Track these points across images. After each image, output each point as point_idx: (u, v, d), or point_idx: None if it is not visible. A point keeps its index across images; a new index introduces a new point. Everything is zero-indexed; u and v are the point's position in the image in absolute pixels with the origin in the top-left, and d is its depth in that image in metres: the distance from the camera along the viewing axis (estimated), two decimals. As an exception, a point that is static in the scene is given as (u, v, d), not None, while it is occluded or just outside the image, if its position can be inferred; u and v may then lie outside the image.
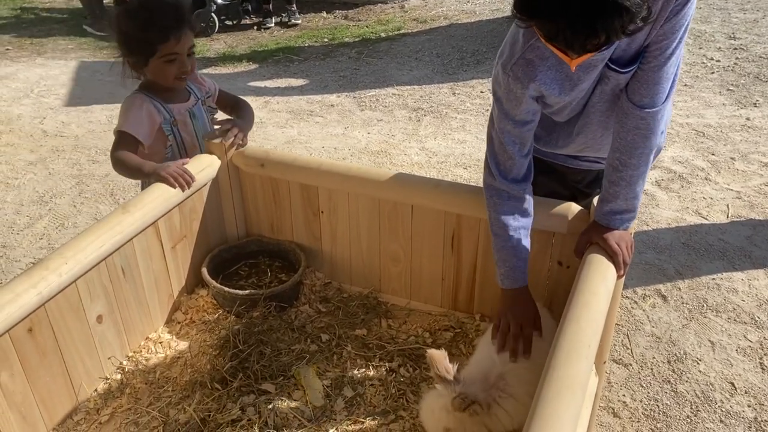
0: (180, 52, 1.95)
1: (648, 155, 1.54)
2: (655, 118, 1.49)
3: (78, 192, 3.70)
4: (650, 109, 1.48)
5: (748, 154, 3.92)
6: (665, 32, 1.40)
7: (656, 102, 1.48)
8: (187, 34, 1.95)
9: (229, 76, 5.67)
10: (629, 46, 1.44)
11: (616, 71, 1.48)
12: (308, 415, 1.73)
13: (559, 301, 1.90)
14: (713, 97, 4.80)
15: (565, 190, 1.93)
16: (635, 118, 1.50)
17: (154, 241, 1.95)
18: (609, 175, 1.59)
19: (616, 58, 1.47)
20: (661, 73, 1.45)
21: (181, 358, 1.95)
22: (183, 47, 1.95)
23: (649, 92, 1.47)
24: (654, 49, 1.43)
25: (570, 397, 1.19)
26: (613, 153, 1.57)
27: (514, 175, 1.63)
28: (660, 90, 1.47)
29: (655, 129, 1.51)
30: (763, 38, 5.86)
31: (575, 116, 1.66)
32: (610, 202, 1.60)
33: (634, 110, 1.50)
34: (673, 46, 1.42)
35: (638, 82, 1.48)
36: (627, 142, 1.53)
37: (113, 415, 1.78)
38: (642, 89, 1.48)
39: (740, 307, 2.67)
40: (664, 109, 1.50)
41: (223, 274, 2.21)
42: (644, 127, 1.50)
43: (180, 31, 1.92)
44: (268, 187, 2.19)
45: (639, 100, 1.49)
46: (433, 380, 1.58)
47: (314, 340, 1.98)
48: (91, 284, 1.76)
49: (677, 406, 2.23)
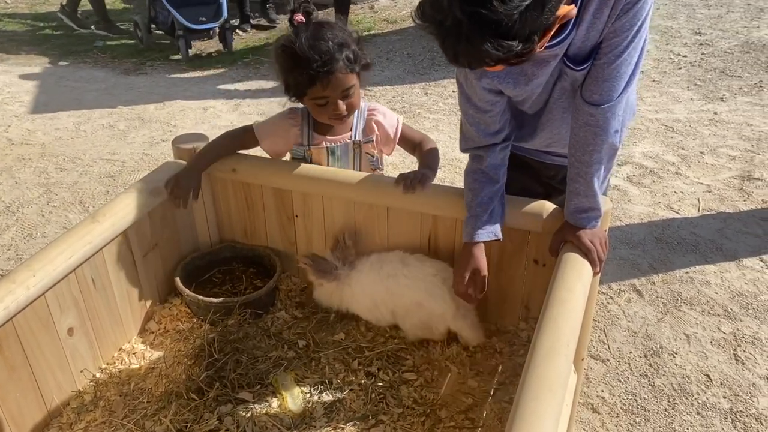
0: (331, 95, 1.84)
1: (600, 153, 1.55)
2: (605, 115, 1.50)
3: (46, 201, 3.62)
4: (600, 106, 1.49)
5: (716, 148, 3.98)
6: (615, 30, 1.41)
7: (606, 99, 1.48)
8: (339, 78, 1.81)
9: (199, 79, 5.61)
10: (584, 43, 1.45)
11: (571, 68, 1.50)
12: (287, 422, 1.71)
13: (536, 299, 1.90)
14: (681, 92, 4.87)
15: (540, 186, 1.94)
16: (585, 114, 1.51)
17: (124, 250, 1.91)
18: (569, 172, 1.61)
19: (572, 55, 1.48)
20: (611, 71, 1.45)
21: (155, 368, 1.91)
22: (334, 91, 1.83)
23: (599, 89, 1.48)
24: (605, 47, 1.44)
25: (550, 396, 1.18)
26: (570, 149, 1.59)
27: (480, 142, 1.71)
28: (610, 87, 1.47)
29: (606, 126, 1.51)
30: (728, 33, 5.96)
31: (539, 111, 1.68)
32: (572, 199, 1.62)
33: (585, 106, 1.51)
34: (624, 44, 1.42)
35: (590, 78, 1.49)
36: (579, 138, 1.55)
37: (87, 429, 1.74)
38: (593, 86, 1.48)
39: (713, 300, 2.70)
40: (616, 107, 1.50)
41: (196, 282, 2.17)
42: (594, 124, 1.51)
43: (329, 75, 1.80)
44: (240, 192, 2.16)
45: (589, 96, 1.50)
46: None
47: (291, 347, 1.95)
48: (61, 296, 1.72)
49: (655, 400, 2.25)
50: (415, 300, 1.89)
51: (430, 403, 1.77)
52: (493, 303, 1.98)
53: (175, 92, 5.33)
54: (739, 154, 3.90)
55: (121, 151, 4.23)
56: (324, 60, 1.77)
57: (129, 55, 6.37)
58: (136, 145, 4.34)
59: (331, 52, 1.78)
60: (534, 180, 1.92)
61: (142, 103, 5.10)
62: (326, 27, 1.83)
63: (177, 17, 5.89)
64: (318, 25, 1.83)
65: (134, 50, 6.50)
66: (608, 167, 1.60)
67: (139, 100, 5.18)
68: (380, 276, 1.93)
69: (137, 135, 4.50)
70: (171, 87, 5.47)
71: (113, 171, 3.95)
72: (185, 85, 5.50)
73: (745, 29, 6.03)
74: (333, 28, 1.83)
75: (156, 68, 5.98)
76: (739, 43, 5.71)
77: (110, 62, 6.19)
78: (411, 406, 1.76)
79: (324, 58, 1.77)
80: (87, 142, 4.40)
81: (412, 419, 1.72)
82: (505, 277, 1.92)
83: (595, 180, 1.57)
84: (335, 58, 1.78)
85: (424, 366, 1.90)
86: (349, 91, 1.86)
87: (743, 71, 5.17)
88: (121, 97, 5.27)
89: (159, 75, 5.80)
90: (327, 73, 1.79)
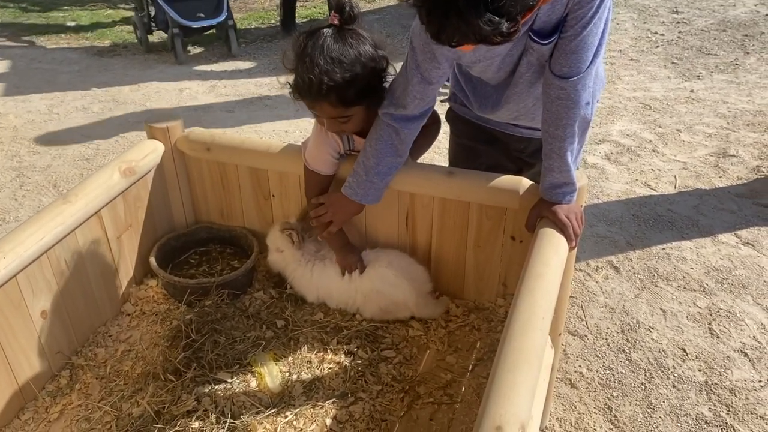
0: (322, 116, 1.70)
1: (572, 126, 1.55)
2: (575, 87, 1.50)
3: (19, 185, 3.56)
4: (570, 79, 1.49)
5: (693, 126, 4.01)
6: (580, 1, 1.41)
7: (575, 71, 1.49)
8: (326, 107, 1.63)
9: (174, 60, 5.52)
10: (549, 17, 1.45)
11: (537, 42, 1.50)
12: (266, 401, 1.70)
13: (513, 275, 1.91)
14: (658, 70, 4.89)
15: (510, 162, 1.96)
16: (556, 88, 1.52)
17: (98, 231, 1.89)
18: (543, 148, 1.62)
19: (538, 29, 1.48)
20: (578, 42, 1.46)
21: (132, 350, 1.89)
22: (320, 114, 1.69)
23: (567, 61, 1.48)
24: (570, 19, 1.44)
25: (526, 369, 1.19)
26: (543, 125, 1.60)
27: (408, 113, 1.67)
28: (578, 59, 1.47)
29: (577, 99, 1.52)
30: (704, 12, 5.99)
31: (504, 83, 1.68)
32: (547, 175, 1.62)
33: (555, 80, 1.51)
34: (589, 15, 1.42)
35: (558, 51, 1.49)
36: (552, 113, 1.55)
37: (63, 412, 1.72)
38: (561, 59, 1.49)
39: (689, 275, 2.73)
40: (585, 79, 1.51)
41: (172, 263, 2.15)
42: (565, 97, 1.52)
43: (315, 102, 1.64)
44: (215, 172, 2.13)
45: (559, 69, 1.50)
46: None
47: (270, 327, 1.94)
48: (33, 279, 1.69)
49: (632, 374, 2.27)
50: (375, 291, 1.92)
51: (409, 380, 1.77)
52: (471, 280, 1.99)
53: (150, 74, 5.25)
54: (715, 131, 3.94)
55: (95, 133, 4.16)
56: (311, 89, 1.59)
57: (103, 36, 6.25)
58: (110, 127, 4.27)
59: (314, 83, 1.57)
60: (504, 155, 1.92)
61: (116, 85, 5.02)
62: (343, 44, 1.59)
63: (170, 13, 5.18)
64: (337, 38, 1.59)
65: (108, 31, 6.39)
66: (581, 140, 1.61)
67: (113, 81, 5.10)
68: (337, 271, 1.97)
69: (112, 117, 4.43)
70: (146, 68, 5.39)
71: (87, 154, 3.89)
72: (160, 67, 5.41)
73: (722, 8, 6.06)
74: (348, 48, 1.59)
75: (130, 49, 5.88)
76: (716, 22, 5.74)
77: (84, 43, 6.07)
78: (390, 383, 1.76)
79: (305, 85, 1.60)
80: (60, 124, 4.33)
81: (391, 396, 1.73)
82: (483, 254, 1.92)
83: (568, 154, 1.58)
84: (316, 91, 1.58)
85: (403, 344, 1.90)
86: (341, 119, 1.69)
87: (719, 49, 5.21)
88: (95, 78, 5.18)
89: (133, 56, 5.71)
90: (314, 100, 1.63)
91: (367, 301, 1.94)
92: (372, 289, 1.92)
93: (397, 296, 1.91)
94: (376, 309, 1.94)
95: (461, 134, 2.01)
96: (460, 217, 1.88)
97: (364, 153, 1.75)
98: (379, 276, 1.91)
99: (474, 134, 1.96)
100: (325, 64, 1.56)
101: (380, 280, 1.91)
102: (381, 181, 1.77)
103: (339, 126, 1.72)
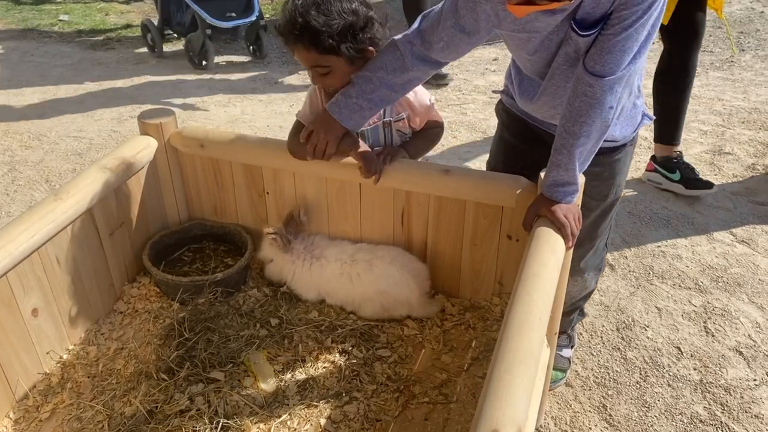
0: (301, 62, 1.74)
1: (590, 126, 1.52)
2: (603, 88, 1.48)
3: (11, 179, 3.53)
4: (600, 78, 1.47)
5: (688, 123, 4.00)
6: (627, 2, 1.39)
7: (608, 72, 1.46)
8: (301, 50, 1.68)
9: (168, 54, 5.48)
10: (594, 9, 1.43)
11: (577, 33, 1.47)
12: (260, 401, 1.69)
13: (509, 274, 1.90)
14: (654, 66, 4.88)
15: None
16: (584, 84, 1.49)
17: (89, 228, 1.86)
18: (555, 142, 1.59)
19: (580, 20, 1.46)
20: (616, 43, 1.43)
21: (124, 349, 1.88)
22: (299, 60, 1.73)
23: (601, 59, 1.46)
24: (614, 17, 1.42)
25: (523, 369, 1.18)
26: (561, 119, 1.57)
27: (425, 50, 1.65)
28: (613, 60, 1.45)
29: (602, 100, 1.49)
30: (700, 8, 5.97)
31: (541, 75, 1.66)
32: (552, 171, 1.59)
33: (585, 76, 1.49)
34: (633, 18, 1.40)
35: (595, 47, 1.47)
36: (574, 108, 1.52)
37: (54, 411, 1.70)
38: (595, 55, 1.47)
39: (684, 273, 2.73)
40: (615, 83, 1.48)
41: (165, 261, 2.13)
42: (591, 95, 1.49)
43: (292, 45, 1.69)
44: (209, 169, 2.11)
45: (591, 65, 1.48)
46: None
47: (263, 325, 1.93)
48: (24, 276, 1.67)
49: (627, 373, 2.27)
50: (379, 289, 1.90)
51: (404, 380, 1.76)
52: (467, 278, 1.98)
53: (144, 68, 5.21)
54: (711, 128, 3.93)
55: (89, 128, 4.13)
56: (282, 28, 1.67)
57: (96, 30, 6.21)
58: (103, 121, 4.24)
59: (289, 23, 1.65)
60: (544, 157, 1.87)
61: (110, 79, 4.98)
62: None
63: (200, 12, 4.75)
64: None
65: (101, 25, 6.34)
66: (596, 143, 1.57)
67: (106, 75, 5.06)
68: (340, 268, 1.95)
69: (104, 111, 4.39)
70: (140, 62, 5.35)
71: (80, 148, 3.86)
72: (154, 61, 5.37)
73: (717, 4, 6.05)
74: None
75: (124, 43, 5.84)
76: (711, 18, 5.73)
77: (77, 37, 6.02)
78: (385, 383, 1.75)
79: (284, 23, 1.66)
80: (53, 118, 4.29)
81: (386, 395, 1.71)
82: (479, 253, 1.91)
83: (578, 153, 1.54)
84: (289, 30, 1.65)
85: (398, 343, 1.89)
86: (319, 69, 1.72)
87: (715, 46, 5.20)
88: (88, 72, 5.14)
89: (127, 50, 5.67)
90: (293, 42, 1.68)
91: (369, 298, 1.92)
92: (376, 286, 1.90)
93: (401, 294, 1.89)
94: (378, 307, 1.92)
95: (506, 128, 1.97)
96: (456, 216, 1.87)
97: (360, 75, 1.71)
98: (383, 274, 1.90)
99: (518, 131, 1.91)
100: (303, 6, 1.63)
101: (385, 278, 1.89)
102: (368, 109, 1.72)
103: (320, 78, 1.74)
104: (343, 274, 1.94)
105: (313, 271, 1.97)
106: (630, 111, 1.72)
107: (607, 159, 1.76)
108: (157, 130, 2.02)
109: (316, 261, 1.97)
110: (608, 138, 1.65)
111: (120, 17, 6.59)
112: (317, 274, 1.96)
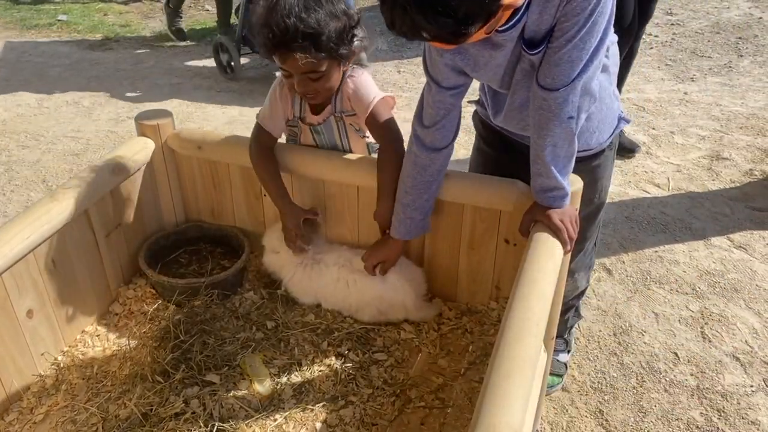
0: (289, 71, 1.68)
1: (553, 137, 1.51)
2: (556, 101, 1.47)
3: (7, 180, 3.52)
4: (551, 91, 1.46)
5: (686, 128, 4.01)
6: (566, 13, 1.38)
7: (558, 84, 1.45)
8: (297, 59, 1.61)
9: (167, 55, 5.48)
10: (538, 27, 1.42)
11: (527, 52, 1.47)
12: (255, 404, 1.68)
13: (507, 279, 1.89)
14: (652, 72, 4.89)
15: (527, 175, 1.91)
16: (539, 98, 1.49)
17: (85, 230, 1.86)
18: (530, 152, 1.59)
19: (528, 38, 1.45)
20: (562, 55, 1.42)
21: (119, 351, 1.86)
22: (292, 69, 1.66)
23: (550, 73, 1.45)
24: (557, 31, 1.41)
25: (521, 376, 1.17)
26: (530, 130, 1.58)
27: (430, 135, 1.69)
28: (560, 72, 1.44)
29: (558, 112, 1.48)
30: (698, 14, 6.00)
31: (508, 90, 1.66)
32: (536, 179, 1.60)
33: (539, 90, 1.49)
34: (575, 29, 1.38)
35: (544, 62, 1.46)
36: (535, 121, 1.53)
37: (48, 413, 1.69)
38: (545, 69, 1.46)
39: (682, 278, 2.73)
40: (568, 93, 1.46)
41: (162, 263, 2.12)
42: (547, 108, 1.48)
43: (288, 53, 1.62)
44: (206, 171, 2.10)
45: (542, 80, 1.47)
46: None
47: (260, 328, 1.92)
48: (19, 278, 1.66)
49: (623, 378, 2.26)
50: (376, 294, 1.90)
51: (400, 384, 1.76)
52: (464, 283, 1.97)
53: (142, 68, 5.20)
54: (709, 134, 3.94)
55: (86, 129, 4.12)
56: (277, 37, 1.60)
57: (95, 30, 6.20)
58: (101, 122, 4.23)
59: (287, 29, 1.58)
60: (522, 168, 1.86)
61: (107, 79, 4.97)
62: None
63: None
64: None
65: (99, 25, 6.33)
66: (569, 149, 1.55)
67: (104, 76, 5.05)
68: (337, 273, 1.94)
69: (102, 112, 4.39)
70: (137, 63, 5.34)
71: (77, 149, 3.85)
72: (152, 61, 5.37)
73: (716, 10, 6.06)
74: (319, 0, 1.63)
75: (122, 43, 5.83)
76: (710, 24, 5.75)
77: (75, 37, 6.01)
78: (381, 387, 1.74)
79: (277, 35, 1.60)
80: (50, 119, 4.28)
81: (382, 399, 1.71)
82: (476, 257, 1.90)
83: (550, 161, 1.54)
84: (291, 37, 1.59)
85: (395, 346, 1.88)
86: (312, 74, 1.68)
87: (713, 52, 5.21)
88: (86, 72, 5.13)
89: (125, 50, 5.66)
90: (285, 51, 1.62)
91: (365, 303, 1.92)
92: (372, 291, 1.90)
93: (397, 298, 1.89)
94: (375, 311, 1.92)
95: (482, 140, 1.98)
96: (454, 220, 1.87)
97: (403, 195, 1.77)
98: (380, 278, 1.90)
99: (494, 141, 1.92)
100: (300, 12, 1.60)
101: (381, 282, 1.89)
102: (421, 215, 1.79)
103: (310, 85, 1.71)
104: (340, 279, 1.93)
105: (312, 275, 1.96)
106: (604, 115, 1.71)
107: (586, 166, 1.77)
108: (155, 132, 2.01)
109: (316, 265, 1.96)
110: (583, 147, 1.67)
111: (118, 17, 6.58)
112: (315, 279, 1.96)
